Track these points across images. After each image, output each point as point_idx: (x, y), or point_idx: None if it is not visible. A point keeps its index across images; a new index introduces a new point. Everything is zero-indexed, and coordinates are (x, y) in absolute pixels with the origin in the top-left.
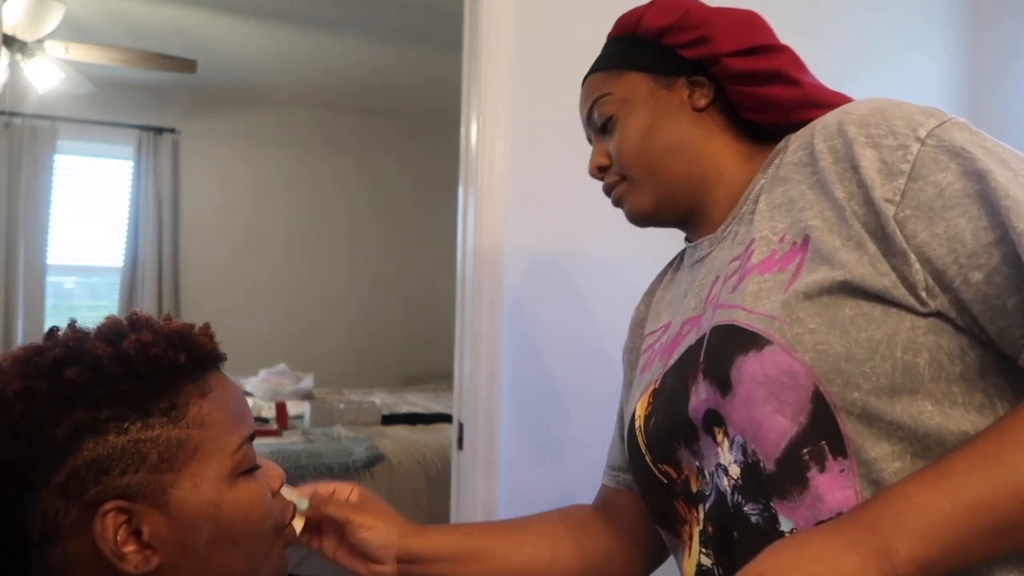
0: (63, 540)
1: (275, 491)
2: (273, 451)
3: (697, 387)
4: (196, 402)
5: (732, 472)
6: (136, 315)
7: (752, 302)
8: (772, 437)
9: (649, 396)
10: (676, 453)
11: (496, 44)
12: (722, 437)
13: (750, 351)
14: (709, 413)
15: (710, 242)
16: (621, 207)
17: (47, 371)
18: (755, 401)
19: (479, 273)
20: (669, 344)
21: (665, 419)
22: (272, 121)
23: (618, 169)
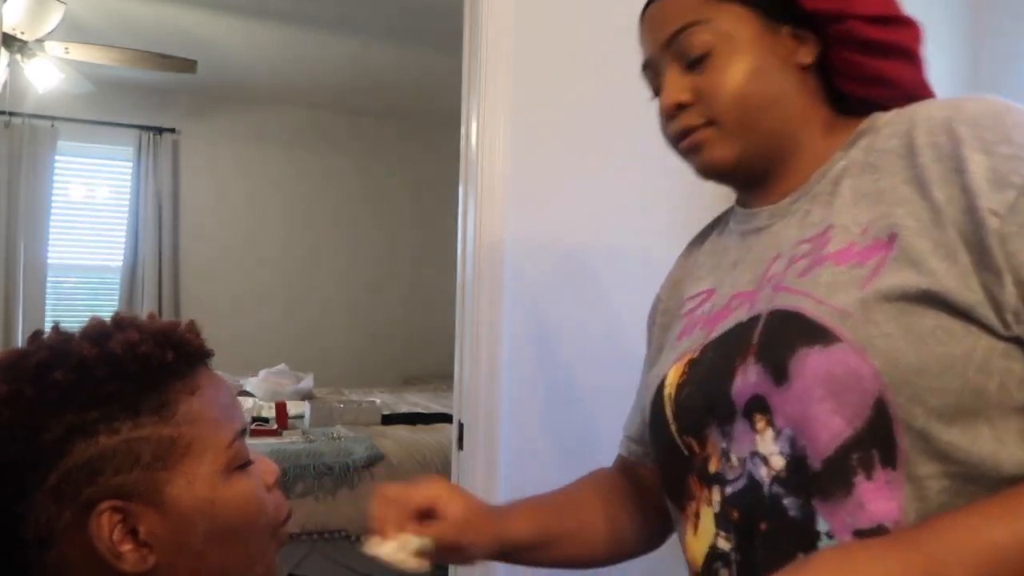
0: (59, 542)
1: (269, 487)
2: (273, 451)
3: (746, 368)
4: (186, 399)
5: (774, 463)
6: (120, 316)
7: (824, 292)
8: (824, 436)
9: (685, 365)
10: (705, 429)
11: (496, 44)
12: (763, 425)
13: (816, 344)
14: (755, 399)
15: (770, 214)
16: (690, 154)
17: (32, 375)
18: (813, 397)
19: (479, 273)
20: (713, 314)
21: (701, 393)
22: (272, 121)
23: (707, 111)
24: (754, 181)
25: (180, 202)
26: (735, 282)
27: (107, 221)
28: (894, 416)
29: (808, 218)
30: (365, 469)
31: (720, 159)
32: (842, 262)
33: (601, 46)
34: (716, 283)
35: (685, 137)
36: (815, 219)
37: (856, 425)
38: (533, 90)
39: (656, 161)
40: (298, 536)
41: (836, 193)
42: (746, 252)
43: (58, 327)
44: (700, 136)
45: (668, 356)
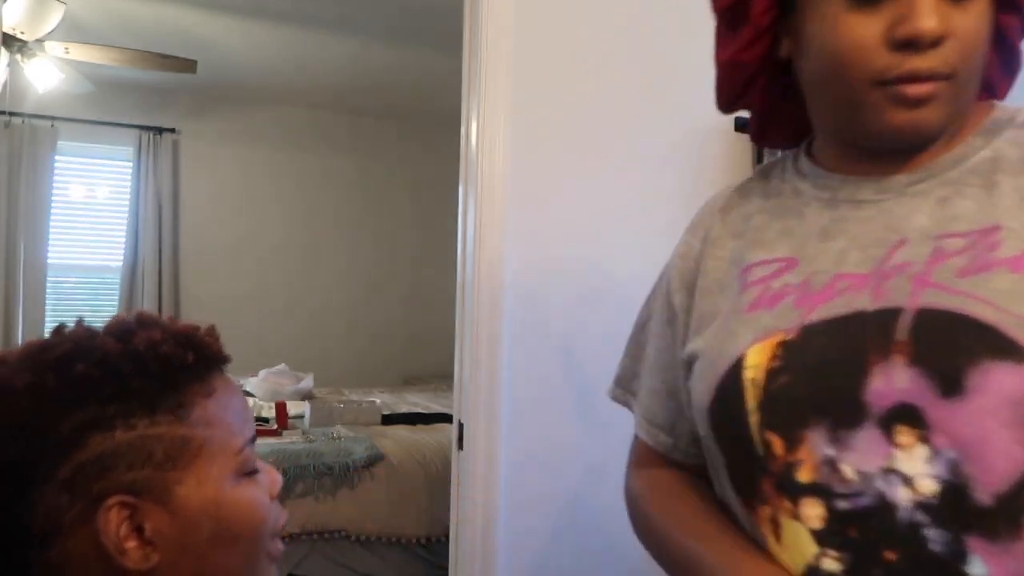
0: (65, 534)
1: (273, 497)
2: (273, 451)
3: (889, 369)
4: (201, 402)
5: (921, 486)
6: (144, 314)
7: (1006, 301)
8: (1000, 466)
9: (776, 347)
10: (803, 430)
11: (496, 44)
12: (911, 440)
13: (1006, 359)
14: (903, 407)
15: (879, 188)
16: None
17: (55, 366)
18: (996, 420)
19: (479, 273)
20: (812, 292)
21: (810, 387)
22: (272, 121)
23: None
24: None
25: (180, 202)
26: (836, 259)
27: (107, 221)
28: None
29: (949, 208)
30: (365, 469)
31: (936, 124)
32: (1018, 270)
33: (601, 46)
34: (797, 252)
35: (917, 81)
36: (960, 212)
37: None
38: (533, 90)
39: (656, 161)
40: (298, 536)
41: (994, 189)
42: (840, 224)
43: (82, 322)
44: (936, 89)
45: (736, 328)
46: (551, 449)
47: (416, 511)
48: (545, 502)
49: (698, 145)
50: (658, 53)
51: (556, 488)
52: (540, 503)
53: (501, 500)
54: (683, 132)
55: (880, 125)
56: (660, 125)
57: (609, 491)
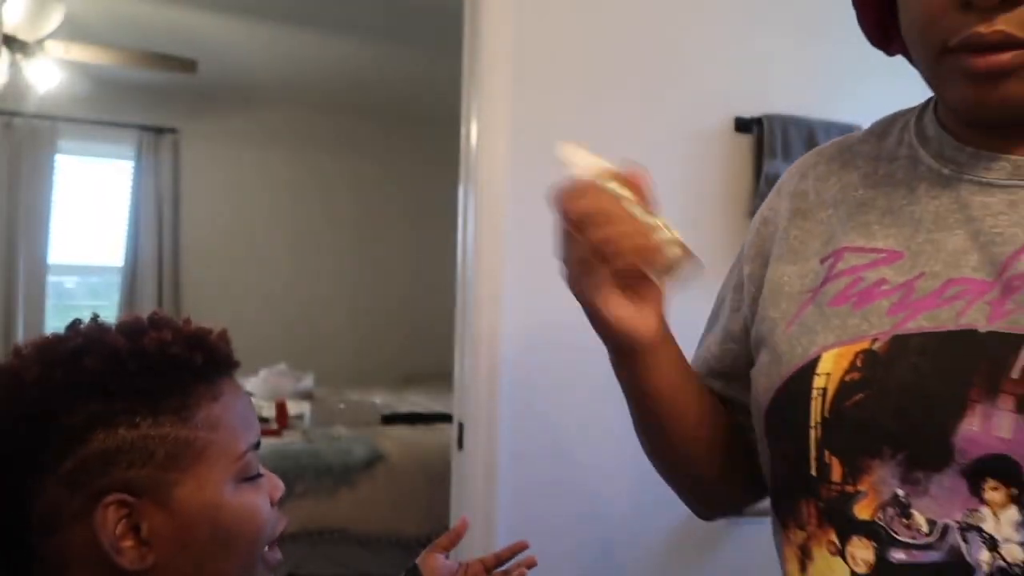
0: (63, 528)
1: (274, 503)
2: (273, 451)
3: (990, 412)
4: (207, 405)
5: (1008, 552)
6: (157, 314)
7: None
8: None
9: (858, 356)
10: (871, 460)
11: (496, 44)
12: (1002, 499)
13: None
14: (998, 459)
15: (1015, 171)
16: (982, 80)
17: (65, 359)
18: None
19: (479, 273)
20: (913, 298)
21: (890, 412)
22: (272, 121)
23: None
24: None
25: (180, 202)
26: (950, 258)
27: (107, 221)
28: None
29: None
30: (365, 469)
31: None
32: None
33: (601, 46)
34: (903, 244)
35: (987, 51)
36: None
37: None
38: (533, 90)
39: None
40: (298, 536)
41: None
42: (961, 211)
43: (96, 318)
44: (1014, 59)
45: (814, 324)
46: (551, 449)
47: (416, 511)
48: (545, 502)
49: (698, 145)
50: (658, 53)
51: (556, 488)
52: (540, 503)
53: (501, 500)
54: (683, 132)
55: (956, 101)
56: (660, 125)
57: (609, 491)
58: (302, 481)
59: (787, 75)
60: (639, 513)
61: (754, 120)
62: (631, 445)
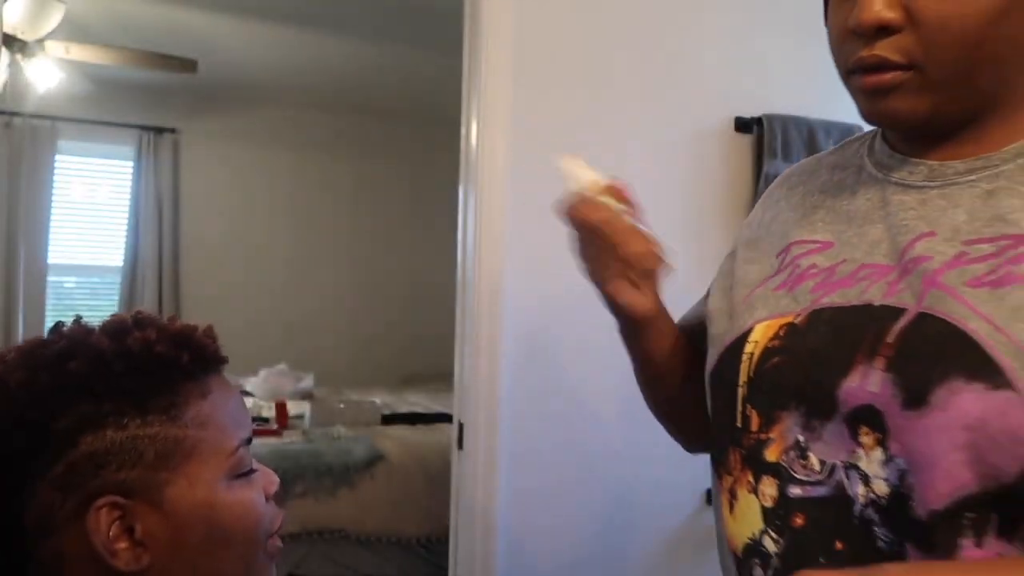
0: (56, 533)
1: (269, 497)
2: (273, 451)
3: (868, 371)
4: (196, 402)
5: (877, 488)
6: (141, 314)
7: (1006, 319)
8: (943, 487)
9: (781, 328)
10: (780, 411)
11: (496, 44)
12: (870, 442)
13: (978, 382)
14: (867, 409)
15: (931, 174)
16: (870, 96)
17: (50, 363)
18: (950, 441)
19: (479, 273)
20: (833, 279)
21: (796, 374)
22: (272, 121)
23: (916, 49)
24: (937, 134)
25: (180, 202)
26: (868, 247)
27: (107, 221)
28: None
29: (991, 205)
30: (365, 469)
31: (908, 114)
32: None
33: (601, 46)
34: (836, 236)
35: (872, 72)
36: (1003, 211)
37: (987, 485)
38: (533, 90)
39: (656, 161)
40: (298, 536)
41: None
42: (883, 208)
43: (79, 320)
44: (893, 79)
45: (755, 303)
46: (551, 449)
47: (416, 511)
48: (545, 502)
49: (698, 145)
50: (658, 53)
51: (556, 488)
52: (540, 503)
53: (501, 500)
54: (683, 132)
55: (861, 113)
56: (660, 125)
57: (610, 491)
58: (302, 481)
59: (787, 75)
60: (639, 513)
61: (754, 120)
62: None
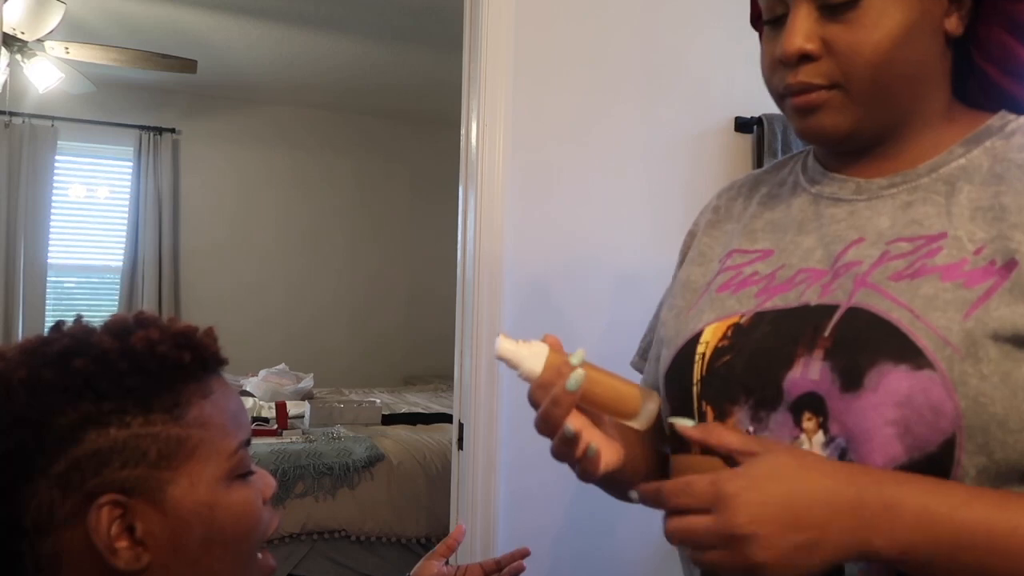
0: (57, 530)
1: (267, 500)
2: (273, 451)
3: (809, 361)
4: (197, 402)
5: None
6: (143, 314)
7: (922, 307)
8: (877, 458)
9: (728, 328)
10: (732, 406)
11: (496, 44)
12: (812, 426)
13: (903, 363)
14: (809, 396)
15: (858, 188)
16: (798, 115)
17: (53, 360)
18: (881, 417)
19: (479, 273)
20: (773, 285)
21: (746, 370)
22: (272, 121)
23: (836, 72)
24: (858, 150)
25: (180, 202)
26: (802, 253)
27: (107, 221)
28: (957, 460)
29: (909, 212)
30: (365, 469)
31: (833, 129)
32: (948, 278)
33: (601, 46)
34: (775, 245)
35: (798, 95)
36: (919, 217)
37: (913, 456)
38: (533, 90)
39: (656, 161)
40: (298, 536)
41: (953, 197)
42: (817, 220)
43: (81, 319)
44: (818, 98)
45: (703, 306)
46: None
47: (416, 511)
48: (545, 502)
49: (698, 145)
50: (658, 53)
51: (556, 488)
52: (540, 503)
53: (501, 500)
54: (683, 132)
55: (796, 132)
56: (660, 125)
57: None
58: (302, 481)
59: None
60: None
61: (754, 120)
62: None
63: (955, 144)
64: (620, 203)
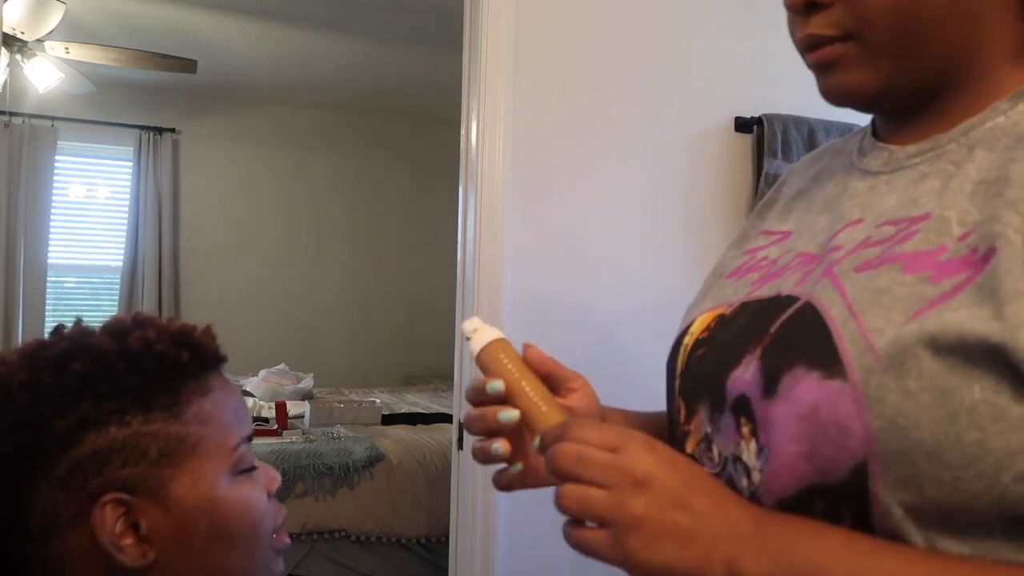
0: (62, 531)
1: (270, 494)
2: (273, 451)
3: (750, 361)
4: (197, 400)
5: (754, 479)
6: (140, 314)
7: (866, 304)
8: (784, 476)
9: (713, 320)
10: (697, 404)
11: (496, 44)
12: (747, 432)
13: (816, 370)
14: (743, 399)
15: (888, 160)
16: (818, 72)
17: (52, 363)
18: (788, 431)
19: (479, 273)
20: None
21: (710, 364)
22: (272, 121)
23: (847, 20)
24: (904, 112)
25: (180, 202)
26: (811, 236)
27: (107, 221)
28: (873, 492)
29: (919, 186)
30: (365, 469)
31: (856, 88)
32: (912, 270)
33: (601, 46)
34: (797, 226)
35: (811, 49)
36: (919, 194)
37: (826, 478)
38: (533, 90)
39: (656, 161)
40: (298, 536)
41: (962, 166)
42: (840, 197)
43: (80, 321)
44: (832, 52)
45: (707, 293)
46: None
47: (416, 511)
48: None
49: (698, 145)
50: (658, 53)
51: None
52: (540, 503)
53: (501, 500)
54: (683, 132)
55: (822, 94)
56: (660, 125)
57: None
58: (302, 481)
59: (787, 75)
60: None
61: (754, 120)
62: None
63: (1000, 100)
64: (620, 203)
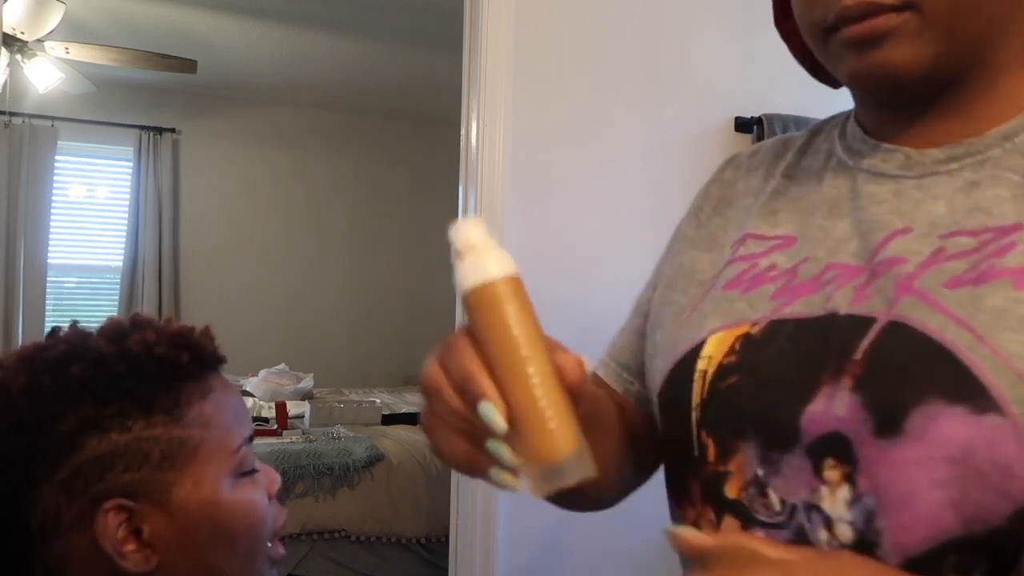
0: (63, 535)
1: (271, 496)
2: (273, 451)
3: (834, 391)
4: (197, 402)
5: (840, 532)
6: (138, 316)
7: (987, 326)
8: (920, 530)
9: (737, 340)
10: (737, 440)
11: (496, 44)
12: (836, 477)
13: (960, 404)
14: (833, 437)
15: (907, 161)
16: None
17: (52, 367)
18: (928, 476)
19: None
20: (794, 283)
21: (755, 397)
22: (272, 121)
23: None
24: (915, 103)
25: (180, 202)
26: (834, 244)
27: (107, 221)
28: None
29: (973, 196)
30: (365, 469)
31: (905, 66)
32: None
33: (601, 46)
34: (799, 230)
35: (859, 20)
36: (985, 202)
37: (972, 529)
38: (533, 90)
39: (656, 161)
40: (298, 536)
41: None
42: (852, 200)
43: (76, 324)
44: (886, 23)
45: (708, 308)
46: None
47: (416, 511)
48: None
49: (698, 145)
50: (658, 53)
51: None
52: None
53: (501, 500)
54: (683, 132)
55: (847, 76)
56: (660, 125)
57: None
58: (302, 481)
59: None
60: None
61: (754, 120)
62: None
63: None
64: (620, 203)
